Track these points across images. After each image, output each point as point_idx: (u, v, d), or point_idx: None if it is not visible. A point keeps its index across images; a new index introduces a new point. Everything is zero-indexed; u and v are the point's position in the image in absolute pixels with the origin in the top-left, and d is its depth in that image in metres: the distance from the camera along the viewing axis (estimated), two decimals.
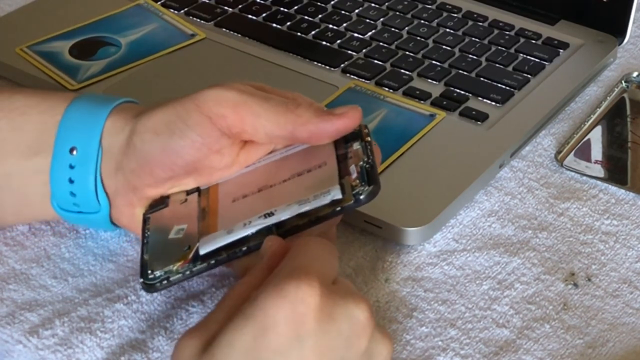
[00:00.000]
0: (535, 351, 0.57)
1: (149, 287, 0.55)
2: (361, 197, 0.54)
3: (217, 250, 0.55)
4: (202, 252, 0.55)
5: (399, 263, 0.63)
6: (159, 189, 0.58)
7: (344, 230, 0.64)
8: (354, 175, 0.54)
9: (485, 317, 0.59)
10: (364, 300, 0.50)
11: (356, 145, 0.56)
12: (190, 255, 0.55)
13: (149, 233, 0.58)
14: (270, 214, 0.54)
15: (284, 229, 0.54)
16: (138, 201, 0.58)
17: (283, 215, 0.54)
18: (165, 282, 0.55)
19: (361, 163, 0.55)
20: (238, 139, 0.57)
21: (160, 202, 0.59)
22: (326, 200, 0.54)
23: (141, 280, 0.55)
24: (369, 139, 0.57)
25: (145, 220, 0.58)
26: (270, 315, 0.47)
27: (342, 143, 0.57)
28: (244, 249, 0.54)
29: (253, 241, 0.54)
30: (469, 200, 0.67)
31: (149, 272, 0.55)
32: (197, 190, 0.59)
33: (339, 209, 0.54)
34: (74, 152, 0.58)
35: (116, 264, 0.62)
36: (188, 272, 0.55)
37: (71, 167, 0.58)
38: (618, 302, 0.61)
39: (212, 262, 0.55)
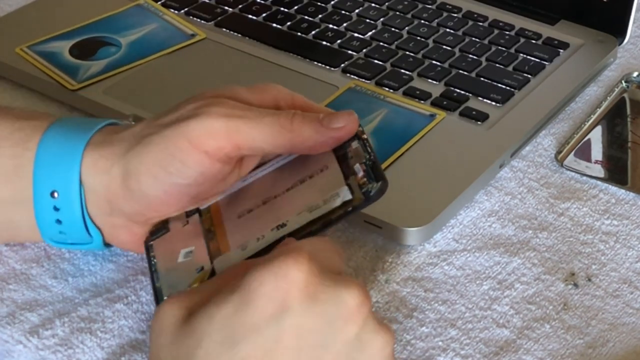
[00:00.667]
0: (535, 351, 0.57)
1: None
2: (371, 194, 0.53)
3: None
4: (218, 272, 0.54)
5: (399, 263, 0.63)
6: (162, 216, 0.58)
7: (344, 230, 0.65)
8: (360, 174, 0.54)
9: (485, 317, 0.59)
10: (359, 286, 0.48)
11: (355, 144, 0.56)
12: (207, 277, 0.54)
13: (155, 261, 0.57)
14: (283, 225, 0.54)
15: (298, 236, 0.53)
16: (141, 229, 0.58)
17: (295, 224, 0.54)
18: None
19: (364, 161, 0.55)
20: (236, 160, 0.57)
21: (161, 227, 0.58)
22: (337, 202, 0.53)
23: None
24: (365, 136, 0.56)
25: (148, 248, 0.58)
26: (252, 289, 0.46)
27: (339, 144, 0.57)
28: None
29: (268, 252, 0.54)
30: (469, 200, 0.67)
31: (165, 298, 0.55)
32: (197, 210, 0.59)
33: (350, 209, 0.53)
34: (56, 195, 0.57)
35: (116, 264, 0.62)
36: None
37: (56, 209, 0.57)
38: (618, 302, 0.61)
39: None
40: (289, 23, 0.83)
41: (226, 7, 0.85)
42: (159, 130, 0.56)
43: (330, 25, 0.82)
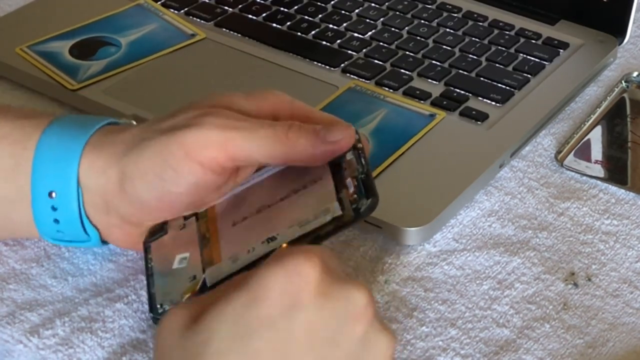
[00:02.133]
0: (535, 351, 0.57)
1: (158, 321, 0.55)
2: (361, 211, 0.53)
3: (222, 280, 0.54)
4: (209, 283, 0.54)
5: (399, 263, 0.63)
6: (157, 219, 0.58)
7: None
8: (351, 190, 0.54)
9: (485, 316, 0.59)
10: (366, 288, 0.48)
11: (349, 156, 0.55)
12: (198, 287, 0.55)
13: (152, 264, 0.57)
14: (273, 238, 0.54)
15: None
16: (136, 230, 0.58)
17: (285, 238, 0.54)
18: None
19: (356, 174, 0.54)
20: (231, 170, 0.57)
21: (159, 229, 0.58)
22: (327, 218, 0.53)
23: (151, 315, 0.55)
24: (360, 145, 0.56)
25: (147, 249, 0.58)
26: (264, 284, 0.46)
27: None
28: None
29: (258, 264, 0.54)
30: (469, 200, 0.67)
31: (158, 306, 0.55)
32: (195, 214, 0.59)
33: (340, 224, 0.53)
34: (53, 195, 0.57)
35: (116, 264, 0.62)
36: None
37: (54, 209, 0.57)
38: (618, 302, 0.61)
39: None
40: (289, 23, 0.83)
41: (226, 7, 0.85)
42: (155, 135, 0.56)
43: (330, 25, 0.82)
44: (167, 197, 0.56)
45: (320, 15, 0.83)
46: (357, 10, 0.84)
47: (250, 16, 0.84)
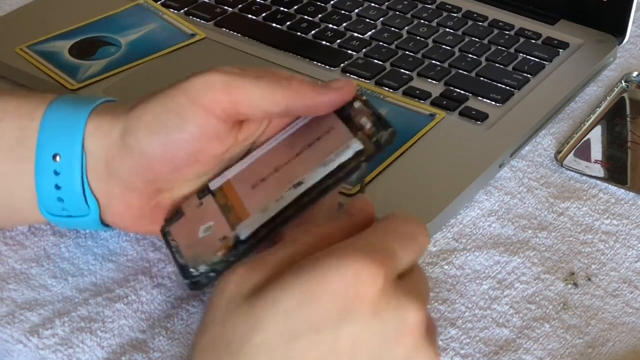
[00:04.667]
0: (535, 351, 0.57)
1: (196, 285, 0.54)
2: (382, 142, 0.53)
3: (256, 231, 0.54)
4: (243, 237, 0.54)
5: None
6: (160, 185, 0.58)
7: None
8: (368, 126, 0.54)
9: (485, 316, 0.59)
10: (421, 304, 0.47)
11: (357, 104, 0.56)
12: (232, 243, 0.54)
13: (175, 243, 0.57)
14: (300, 184, 0.54)
15: (316, 192, 0.53)
16: (137, 201, 0.58)
17: (312, 180, 0.54)
18: (212, 274, 0.54)
19: (369, 115, 0.55)
20: (234, 121, 0.57)
21: (175, 214, 0.58)
22: (349, 154, 0.54)
23: (186, 281, 0.55)
24: (365, 98, 0.57)
25: (166, 235, 0.58)
26: (321, 285, 0.45)
27: (341, 108, 0.57)
28: (282, 222, 0.53)
29: (290, 211, 0.53)
30: (469, 200, 0.67)
31: (192, 270, 0.54)
32: (209, 192, 0.59)
33: (363, 159, 0.53)
34: (58, 159, 0.57)
35: (116, 264, 0.62)
36: (233, 258, 0.54)
37: (56, 173, 0.57)
38: (618, 302, 0.61)
39: (254, 241, 0.54)
40: (289, 23, 0.83)
41: (226, 7, 0.85)
42: (161, 90, 0.57)
43: (330, 25, 0.82)
44: (170, 146, 0.56)
45: (320, 15, 0.83)
46: (357, 10, 0.84)
47: (250, 16, 0.84)
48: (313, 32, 0.81)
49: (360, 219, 0.51)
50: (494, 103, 0.74)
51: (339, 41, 0.80)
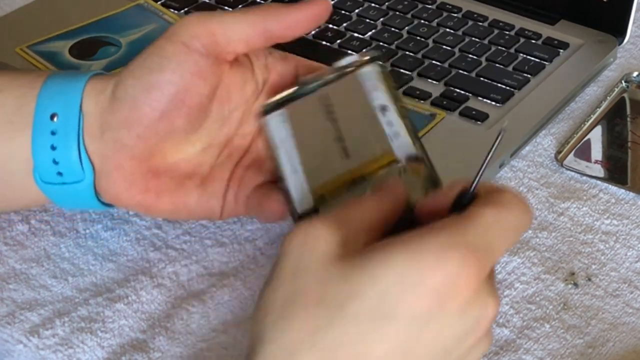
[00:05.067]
0: (535, 351, 0.57)
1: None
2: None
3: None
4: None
5: None
6: (149, 140, 0.57)
7: None
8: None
9: None
10: (498, 301, 0.48)
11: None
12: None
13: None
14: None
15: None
16: (128, 162, 0.57)
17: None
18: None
19: None
20: (217, 56, 0.57)
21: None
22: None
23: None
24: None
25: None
26: (420, 275, 0.45)
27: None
28: None
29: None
30: None
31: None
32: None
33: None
34: (55, 119, 0.57)
35: (116, 264, 0.62)
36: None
37: (53, 133, 0.57)
38: (618, 301, 0.61)
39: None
40: None
41: (226, 7, 0.85)
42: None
43: (330, 25, 0.82)
44: (152, 84, 0.56)
45: None
46: (357, 10, 0.84)
47: None
48: (313, 32, 0.81)
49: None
50: (494, 103, 0.74)
51: (339, 41, 0.80)
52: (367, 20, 0.83)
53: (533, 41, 0.81)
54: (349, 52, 0.79)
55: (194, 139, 0.58)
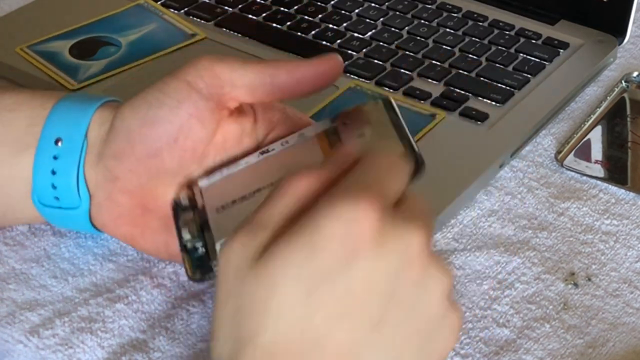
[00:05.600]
0: (535, 351, 0.57)
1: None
2: None
3: None
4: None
5: None
6: (140, 176, 0.56)
7: None
8: None
9: (485, 316, 0.59)
10: (423, 227, 0.46)
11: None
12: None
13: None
14: None
15: None
16: (118, 193, 0.57)
17: None
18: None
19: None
20: (218, 101, 0.56)
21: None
22: None
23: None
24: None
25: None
26: (322, 234, 0.44)
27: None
28: None
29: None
30: (469, 200, 0.67)
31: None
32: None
33: None
34: (59, 143, 0.57)
35: (116, 264, 0.62)
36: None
37: (55, 158, 0.57)
38: (618, 301, 0.61)
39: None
40: (289, 23, 0.83)
41: (226, 7, 0.85)
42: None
43: (330, 25, 0.82)
44: (149, 119, 0.55)
45: (320, 15, 0.83)
46: (357, 10, 0.84)
47: (250, 16, 0.84)
48: (313, 32, 0.81)
49: (345, 166, 0.49)
50: (494, 103, 0.74)
51: (339, 41, 0.80)
52: (367, 20, 0.83)
53: (533, 41, 0.81)
54: (349, 52, 0.79)
55: (184, 182, 0.58)
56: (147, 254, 0.61)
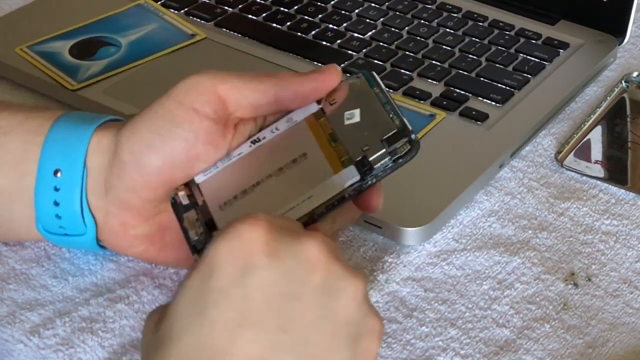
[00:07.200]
0: (535, 351, 0.57)
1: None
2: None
3: None
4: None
5: (399, 263, 0.63)
6: (157, 202, 0.57)
7: (344, 230, 0.65)
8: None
9: (485, 316, 0.59)
10: (317, 238, 0.49)
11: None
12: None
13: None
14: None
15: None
16: (133, 219, 0.57)
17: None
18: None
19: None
20: (226, 122, 0.56)
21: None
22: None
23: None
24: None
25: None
26: (214, 255, 0.47)
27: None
28: None
29: None
30: (469, 200, 0.67)
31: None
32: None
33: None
34: (58, 174, 0.57)
35: (117, 264, 0.62)
36: None
37: (56, 189, 0.57)
38: (618, 302, 0.61)
39: None
40: (289, 23, 0.83)
41: (226, 7, 0.85)
42: (152, 102, 0.57)
43: (330, 25, 0.82)
44: (165, 153, 0.55)
45: (320, 15, 0.83)
46: (357, 10, 0.84)
47: (250, 16, 0.84)
48: (313, 32, 0.81)
49: None
50: (494, 103, 0.74)
51: (339, 41, 0.80)
52: (367, 20, 0.83)
53: (533, 41, 0.81)
54: (349, 52, 0.79)
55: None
56: (169, 266, 0.61)
